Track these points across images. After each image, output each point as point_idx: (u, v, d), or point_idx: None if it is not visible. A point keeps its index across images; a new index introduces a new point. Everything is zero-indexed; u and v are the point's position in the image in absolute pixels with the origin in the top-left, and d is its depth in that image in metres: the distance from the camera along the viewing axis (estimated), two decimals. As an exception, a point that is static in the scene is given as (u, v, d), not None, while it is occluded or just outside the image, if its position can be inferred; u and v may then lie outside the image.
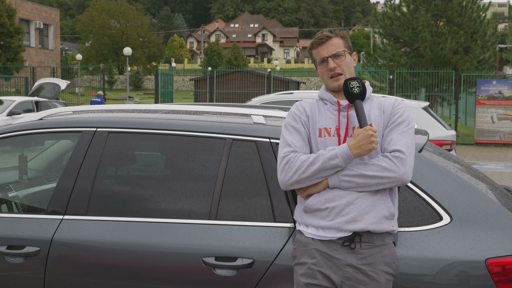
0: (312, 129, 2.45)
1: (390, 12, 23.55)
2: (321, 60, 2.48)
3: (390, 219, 2.32)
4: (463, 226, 2.44)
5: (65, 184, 2.83)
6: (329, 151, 2.32)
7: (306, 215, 2.37)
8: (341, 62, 2.45)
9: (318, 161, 2.31)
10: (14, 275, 2.73)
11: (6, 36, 32.90)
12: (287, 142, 2.43)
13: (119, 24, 64.22)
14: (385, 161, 2.30)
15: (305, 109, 2.50)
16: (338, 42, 2.47)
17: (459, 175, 2.64)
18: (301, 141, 2.42)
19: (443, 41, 21.66)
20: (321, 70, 2.49)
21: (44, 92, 19.43)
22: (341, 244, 2.30)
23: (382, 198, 2.32)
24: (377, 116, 2.44)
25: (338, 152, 2.29)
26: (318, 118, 2.47)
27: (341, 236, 2.30)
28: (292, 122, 2.48)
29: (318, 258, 2.31)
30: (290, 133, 2.45)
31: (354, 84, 2.39)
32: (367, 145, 2.26)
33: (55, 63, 44.16)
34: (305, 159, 2.34)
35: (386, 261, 2.31)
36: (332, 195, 2.32)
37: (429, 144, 3.11)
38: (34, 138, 3.22)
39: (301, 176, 2.32)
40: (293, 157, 2.37)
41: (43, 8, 45.13)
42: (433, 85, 22.55)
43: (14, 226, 2.79)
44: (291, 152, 2.39)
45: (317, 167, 2.30)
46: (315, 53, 2.51)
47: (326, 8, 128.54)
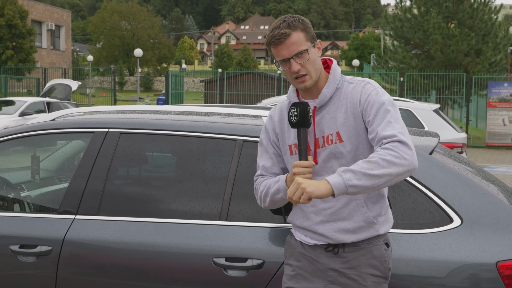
0: (283, 148, 2.32)
1: (401, 14, 23.49)
2: (282, 60, 2.20)
3: (370, 226, 2.20)
4: (473, 229, 2.44)
5: (77, 184, 2.85)
6: (274, 183, 2.23)
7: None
8: (305, 62, 2.17)
9: (268, 194, 2.26)
10: (26, 274, 2.76)
11: (18, 37, 33.13)
12: (258, 164, 2.37)
13: (130, 26, 64.48)
14: (388, 154, 2.00)
15: (274, 122, 2.35)
16: (299, 38, 2.16)
17: (470, 178, 2.63)
18: (270, 161, 2.33)
19: (454, 43, 21.56)
20: (284, 70, 2.23)
21: (56, 93, 19.57)
22: (324, 249, 2.24)
23: (357, 208, 2.19)
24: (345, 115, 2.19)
25: (280, 187, 2.21)
26: (287, 131, 2.30)
27: (323, 243, 2.24)
28: (263, 139, 2.39)
29: (303, 262, 2.27)
30: (260, 152, 2.38)
31: (292, 112, 2.14)
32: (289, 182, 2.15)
33: (67, 64, 44.40)
34: (262, 189, 2.28)
35: (372, 263, 2.21)
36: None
37: (439, 146, 3.11)
38: (47, 139, 3.25)
39: (264, 204, 2.30)
40: (257, 184, 2.32)
41: (55, 10, 45.41)
42: (444, 87, 22.46)
43: (26, 226, 2.82)
44: (259, 176, 2.35)
45: (270, 200, 2.26)
46: (274, 52, 2.22)
47: (337, 10, 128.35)
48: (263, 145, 2.37)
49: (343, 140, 2.19)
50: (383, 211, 2.25)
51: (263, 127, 2.40)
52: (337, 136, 2.20)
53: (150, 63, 62.11)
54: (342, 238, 2.21)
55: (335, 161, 2.21)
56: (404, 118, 8.10)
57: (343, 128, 2.19)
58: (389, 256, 2.26)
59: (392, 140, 2.04)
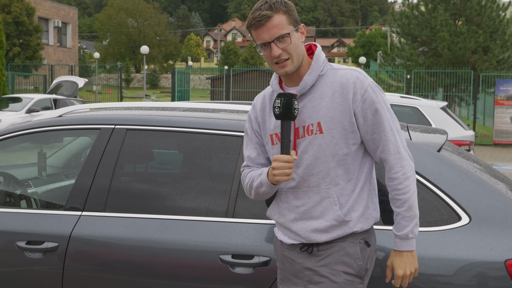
0: (265, 137, 2.26)
1: (408, 11, 23.41)
2: (262, 44, 2.09)
3: (342, 224, 2.13)
4: (482, 227, 2.42)
5: (83, 180, 2.85)
6: (258, 177, 2.18)
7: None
8: (287, 46, 2.06)
9: (252, 187, 2.21)
10: (33, 270, 2.76)
11: (25, 35, 33.26)
12: (243, 154, 2.33)
13: (136, 23, 64.59)
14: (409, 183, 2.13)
15: (257, 110, 2.28)
16: (281, 21, 2.05)
17: (479, 175, 2.62)
18: (255, 152, 2.28)
19: (462, 41, 21.48)
20: (264, 55, 2.11)
21: (62, 90, 19.63)
22: (299, 249, 2.20)
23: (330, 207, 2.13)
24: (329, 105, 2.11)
25: (263, 180, 2.14)
26: (268, 120, 2.22)
27: (298, 242, 2.20)
28: (247, 128, 2.33)
29: (285, 264, 2.25)
30: (245, 142, 2.34)
31: (276, 103, 2.04)
32: (272, 176, 2.08)
33: (73, 61, 44.52)
34: (247, 182, 2.24)
35: (344, 260, 2.13)
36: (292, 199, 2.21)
37: (448, 144, 3.09)
38: (53, 135, 3.25)
39: (251, 197, 2.26)
40: (243, 175, 2.28)
41: (62, 7, 45.51)
42: (451, 85, 22.38)
43: (33, 222, 2.82)
44: (245, 167, 2.30)
45: (255, 193, 2.22)
46: (254, 34, 2.10)
47: (343, 7, 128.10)
48: (248, 134, 2.31)
49: (323, 132, 2.10)
50: (358, 207, 2.16)
51: (247, 116, 2.33)
52: (317, 127, 2.10)
53: (157, 60, 62.20)
54: (314, 237, 2.15)
55: (312, 153, 2.12)
56: (411, 115, 8.07)
57: (325, 119, 2.10)
58: (367, 255, 2.18)
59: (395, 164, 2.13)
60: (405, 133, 2.90)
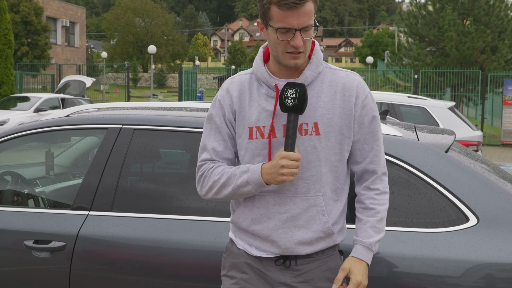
0: (241, 127, 1.99)
1: (416, 10, 23.34)
2: (286, 30, 1.86)
3: (328, 237, 2.01)
4: (490, 228, 2.40)
5: (91, 180, 2.85)
6: (241, 174, 1.92)
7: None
8: (307, 39, 1.91)
9: (228, 186, 1.94)
10: (40, 269, 2.77)
11: (34, 34, 33.42)
12: (205, 145, 2.03)
13: (144, 23, 64.72)
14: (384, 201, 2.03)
15: (232, 97, 2.01)
16: (311, 9, 1.86)
17: (487, 176, 2.60)
18: (223, 144, 2.01)
19: (470, 40, 21.39)
20: (280, 39, 1.88)
21: (70, 89, 19.71)
22: (273, 262, 2.01)
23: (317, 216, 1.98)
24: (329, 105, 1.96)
25: (251, 179, 1.90)
26: (248, 110, 1.98)
27: (272, 255, 2.01)
28: (214, 115, 2.04)
29: (250, 274, 2.01)
30: (210, 131, 2.04)
31: (290, 94, 1.87)
32: (276, 176, 1.86)
33: (81, 60, 44.67)
34: (218, 178, 1.96)
35: (327, 276, 2.01)
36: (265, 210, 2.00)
37: (456, 145, 3.07)
38: (61, 135, 3.26)
39: (216, 196, 2.00)
40: (207, 170, 2.00)
41: (70, 6, 45.67)
42: (459, 85, 22.30)
43: (41, 221, 2.83)
44: (208, 160, 2.02)
45: (229, 192, 1.95)
46: (280, 15, 1.84)
47: (351, 7, 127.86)
48: (214, 123, 2.03)
49: (320, 133, 1.95)
50: (340, 219, 2.05)
51: (215, 102, 2.05)
52: (314, 127, 1.95)
53: (164, 59, 62.31)
54: (296, 249, 1.98)
55: (304, 155, 1.95)
56: (419, 116, 8.05)
57: (323, 120, 1.95)
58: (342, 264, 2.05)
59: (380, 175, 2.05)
60: (413, 133, 2.89)
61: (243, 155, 2.00)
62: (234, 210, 2.09)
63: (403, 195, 2.53)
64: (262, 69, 1.99)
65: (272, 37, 1.90)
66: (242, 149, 2.00)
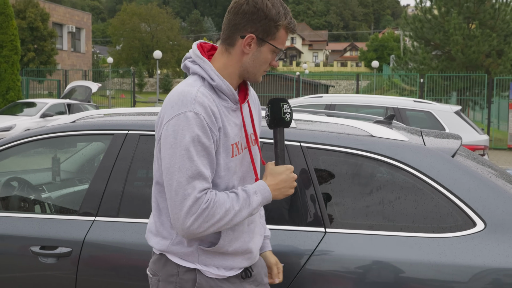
0: (223, 146, 1.88)
1: (421, 14, 23.31)
2: (281, 50, 1.92)
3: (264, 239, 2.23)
4: (497, 233, 2.39)
5: (97, 186, 2.86)
6: (253, 197, 1.85)
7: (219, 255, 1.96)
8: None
9: (243, 211, 1.83)
10: (47, 275, 2.77)
11: (40, 40, 33.58)
12: (200, 172, 1.77)
13: (149, 28, 64.90)
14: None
15: (215, 114, 1.84)
16: None
17: (494, 181, 2.59)
18: (210, 168, 1.82)
19: (475, 44, 21.34)
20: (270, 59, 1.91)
21: (76, 95, 19.77)
22: (240, 277, 2.02)
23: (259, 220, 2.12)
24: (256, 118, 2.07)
25: (263, 199, 1.87)
26: (230, 128, 1.90)
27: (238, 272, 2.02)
28: (203, 137, 1.79)
29: None
30: (199, 154, 1.79)
31: (287, 109, 1.93)
32: (288, 189, 1.91)
33: (87, 66, 44.83)
34: (229, 207, 1.80)
35: (264, 272, 2.17)
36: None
37: (462, 149, 3.06)
38: (67, 140, 3.27)
39: (220, 228, 1.82)
40: (213, 202, 1.78)
41: (76, 12, 45.88)
42: (464, 88, 22.24)
43: (47, 227, 2.83)
44: (207, 190, 1.80)
45: (242, 219, 1.85)
46: (283, 37, 1.90)
47: (356, 11, 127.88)
48: (202, 145, 1.80)
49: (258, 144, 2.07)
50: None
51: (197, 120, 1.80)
52: (254, 137, 2.03)
53: (169, 64, 62.42)
54: (257, 256, 2.08)
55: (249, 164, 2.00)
56: (425, 120, 8.03)
57: (257, 132, 2.07)
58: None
59: None
60: (419, 138, 2.88)
61: (223, 176, 1.89)
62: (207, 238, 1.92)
63: (410, 200, 2.52)
64: (226, 82, 1.91)
65: (266, 56, 1.90)
66: (222, 170, 1.88)
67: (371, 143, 2.65)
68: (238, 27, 1.88)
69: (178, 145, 1.78)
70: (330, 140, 2.69)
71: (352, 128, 2.88)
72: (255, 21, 1.86)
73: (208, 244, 1.93)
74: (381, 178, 2.64)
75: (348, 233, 2.50)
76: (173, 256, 1.95)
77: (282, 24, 1.87)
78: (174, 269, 1.95)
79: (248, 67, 1.92)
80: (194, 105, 1.80)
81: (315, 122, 3.08)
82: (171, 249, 1.94)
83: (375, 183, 2.64)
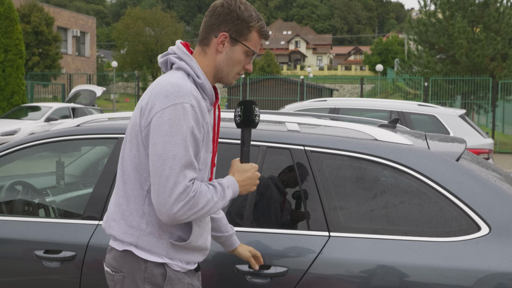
0: (206, 142, 2.00)
1: (425, 18, 23.29)
2: (253, 52, 2.03)
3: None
4: (502, 237, 2.38)
5: (101, 190, 2.86)
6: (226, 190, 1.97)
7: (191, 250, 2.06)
8: None
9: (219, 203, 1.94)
10: (51, 279, 2.77)
11: (45, 44, 33.68)
12: (192, 162, 1.86)
13: (154, 32, 65.05)
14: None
15: (204, 109, 1.95)
16: None
17: (498, 185, 2.58)
18: (197, 160, 1.95)
19: (480, 48, 21.31)
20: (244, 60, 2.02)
21: (81, 99, 19.79)
22: (194, 271, 2.12)
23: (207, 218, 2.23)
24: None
25: (233, 194, 1.99)
26: (209, 125, 2.02)
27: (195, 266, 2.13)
28: (196, 128, 1.89)
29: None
30: (191, 145, 1.88)
31: (257, 112, 2.06)
32: (251, 186, 2.03)
33: (91, 70, 44.96)
34: (210, 198, 1.90)
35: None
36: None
37: (466, 153, 3.05)
38: (71, 144, 3.27)
39: (200, 217, 1.93)
40: (199, 191, 1.88)
41: (80, 16, 46.03)
42: (469, 92, 22.20)
43: (51, 231, 2.84)
44: (195, 179, 1.90)
45: (216, 209, 1.95)
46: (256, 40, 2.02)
47: (360, 15, 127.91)
48: (195, 137, 1.90)
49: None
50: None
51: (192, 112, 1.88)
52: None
53: (174, 68, 62.49)
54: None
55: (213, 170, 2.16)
56: (429, 124, 8.01)
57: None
58: None
59: None
60: (423, 142, 2.88)
61: (202, 169, 2.01)
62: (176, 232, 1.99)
63: (414, 204, 2.52)
64: (208, 82, 2.01)
65: (239, 56, 2.01)
66: (202, 164, 2.00)
67: (375, 147, 2.65)
68: (213, 27, 2.01)
69: (175, 134, 1.84)
70: (334, 144, 2.68)
71: (356, 132, 2.88)
72: (228, 22, 1.98)
73: (177, 238, 2.00)
74: (385, 182, 2.63)
75: (352, 237, 2.50)
76: (140, 251, 1.98)
77: (254, 26, 2.00)
78: (141, 265, 1.98)
79: (222, 66, 2.02)
80: (190, 97, 1.89)
81: (319, 126, 3.08)
82: (140, 242, 1.97)
83: (379, 187, 2.63)
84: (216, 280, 2.57)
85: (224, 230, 2.38)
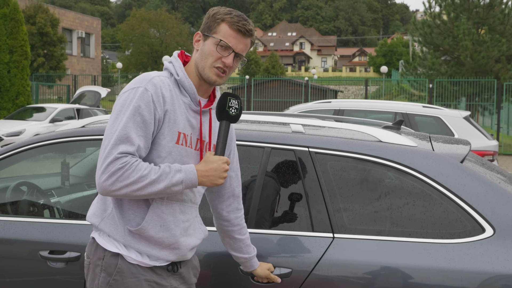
0: (167, 129, 2.01)
1: (430, 20, 23.25)
2: (226, 47, 2.05)
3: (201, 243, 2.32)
4: (507, 239, 2.38)
5: (105, 190, 2.86)
6: (175, 173, 1.96)
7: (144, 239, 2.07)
8: (234, 65, 2.09)
9: (160, 183, 1.93)
10: (56, 280, 2.78)
11: (50, 45, 33.76)
12: (129, 137, 1.92)
13: (159, 33, 65.16)
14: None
15: (164, 97, 2.00)
16: (249, 44, 2.11)
17: (503, 186, 2.58)
18: (144, 141, 1.97)
19: (485, 50, 21.26)
20: (215, 52, 2.05)
21: (85, 100, 19.85)
22: (165, 269, 2.13)
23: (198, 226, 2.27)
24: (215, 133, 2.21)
25: (185, 179, 1.97)
26: (177, 114, 2.03)
27: (164, 263, 2.12)
28: (143, 109, 1.95)
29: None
30: (134, 124, 1.94)
31: (234, 104, 2.06)
32: (217, 178, 2.02)
33: (96, 71, 45.05)
34: (146, 173, 1.91)
35: (194, 272, 2.30)
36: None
37: (471, 155, 3.05)
38: (76, 145, 3.28)
39: (133, 193, 1.92)
40: (130, 163, 1.91)
41: (85, 18, 46.14)
42: (474, 94, 22.15)
43: (56, 232, 2.84)
44: (129, 154, 1.93)
45: (158, 190, 1.93)
46: (229, 34, 2.05)
47: (365, 17, 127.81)
48: (141, 116, 1.95)
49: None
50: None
51: (144, 94, 1.97)
52: (208, 146, 2.18)
53: (178, 70, 62.56)
54: (188, 255, 2.20)
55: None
56: (434, 125, 8.00)
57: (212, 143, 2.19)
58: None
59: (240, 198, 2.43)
60: (428, 143, 2.88)
61: (164, 157, 2.02)
62: (134, 218, 2.05)
63: (418, 206, 2.52)
64: (189, 80, 2.09)
65: (209, 48, 2.06)
66: (164, 151, 2.03)
67: (380, 148, 2.65)
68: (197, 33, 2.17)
69: (122, 113, 1.96)
70: (338, 146, 2.69)
71: (360, 133, 2.88)
72: (203, 23, 2.12)
73: (134, 224, 2.04)
74: (390, 184, 2.63)
75: (357, 239, 2.50)
76: (101, 239, 2.10)
77: (222, 18, 2.06)
78: (101, 253, 2.09)
79: (198, 61, 2.10)
80: (148, 84, 2.00)
81: (323, 127, 3.08)
82: (103, 224, 2.08)
83: (384, 188, 2.63)
84: (220, 280, 2.58)
85: (245, 251, 2.38)
